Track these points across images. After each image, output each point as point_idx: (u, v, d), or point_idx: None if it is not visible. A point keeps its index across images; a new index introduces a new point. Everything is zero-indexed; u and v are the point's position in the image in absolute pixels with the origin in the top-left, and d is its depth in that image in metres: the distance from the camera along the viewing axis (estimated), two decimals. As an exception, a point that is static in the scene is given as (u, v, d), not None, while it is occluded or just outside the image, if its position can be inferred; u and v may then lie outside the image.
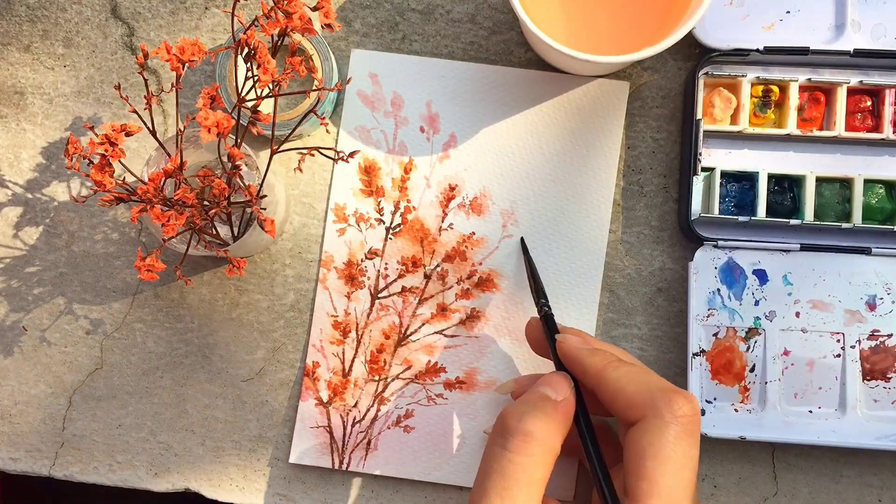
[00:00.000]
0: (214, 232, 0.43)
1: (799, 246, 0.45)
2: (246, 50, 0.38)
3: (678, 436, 0.34)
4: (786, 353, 0.46)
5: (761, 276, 0.46)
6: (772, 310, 0.46)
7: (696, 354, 0.45)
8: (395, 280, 0.48)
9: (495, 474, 0.35)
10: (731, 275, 0.46)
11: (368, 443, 0.47)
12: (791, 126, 0.46)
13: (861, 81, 0.46)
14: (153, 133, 0.40)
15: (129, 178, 0.46)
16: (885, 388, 0.45)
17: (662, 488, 0.33)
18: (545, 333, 0.41)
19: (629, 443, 0.35)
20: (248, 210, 0.44)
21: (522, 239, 0.47)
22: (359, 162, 0.48)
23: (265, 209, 0.42)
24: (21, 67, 0.49)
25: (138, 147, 0.48)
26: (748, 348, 0.46)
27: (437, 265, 0.47)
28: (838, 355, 0.46)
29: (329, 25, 0.39)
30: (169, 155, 0.42)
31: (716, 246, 0.46)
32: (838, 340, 0.46)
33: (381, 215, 0.48)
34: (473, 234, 0.47)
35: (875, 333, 0.46)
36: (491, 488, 0.35)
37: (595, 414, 0.39)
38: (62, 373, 0.49)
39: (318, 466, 0.47)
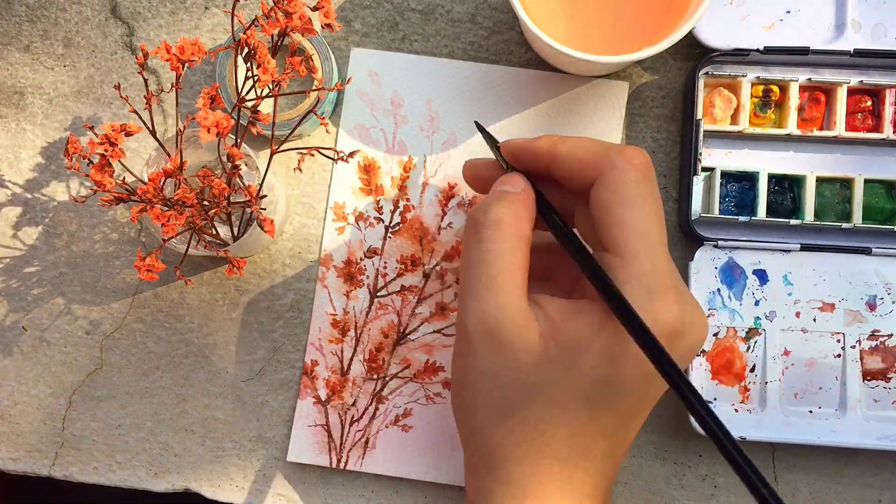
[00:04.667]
0: (214, 232, 0.43)
1: (799, 246, 0.45)
2: (246, 50, 0.38)
3: (638, 180, 0.35)
4: (786, 353, 0.46)
5: (761, 276, 0.46)
6: (772, 310, 0.46)
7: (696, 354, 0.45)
8: (394, 279, 0.48)
9: (478, 267, 0.35)
10: (732, 275, 0.46)
11: (366, 441, 0.47)
12: (791, 126, 0.46)
13: (861, 81, 0.46)
14: (153, 133, 0.40)
15: (129, 178, 0.46)
16: (885, 388, 0.45)
17: (636, 227, 0.34)
18: (491, 147, 0.41)
19: (594, 201, 0.35)
20: (248, 210, 0.44)
21: (476, 122, 0.44)
22: (358, 160, 0.48)
23: (265, 209, 0.42)
24: (21, 67, 0.49)
25: (138, 147, 0.48)
26: (748, 348, 0.46)
27: (437, 264, 0.47)
28: (838, 355, 0.46)
29: (329, 25, 0.39)
30: (169, 155, 0.42)
31: (716, 246, 0.46)
32: (838, 340, 0.46)
33: (381, 214, 0.48)
34: (473, 233, 0.47)
35: (875, 333, 0.46)
36: (477, 281, 0.35)
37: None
38: (62, 373, 0.49)
39: (317, 466, 0.47)
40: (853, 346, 0.45)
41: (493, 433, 0.36)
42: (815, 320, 0.46)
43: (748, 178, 0.46)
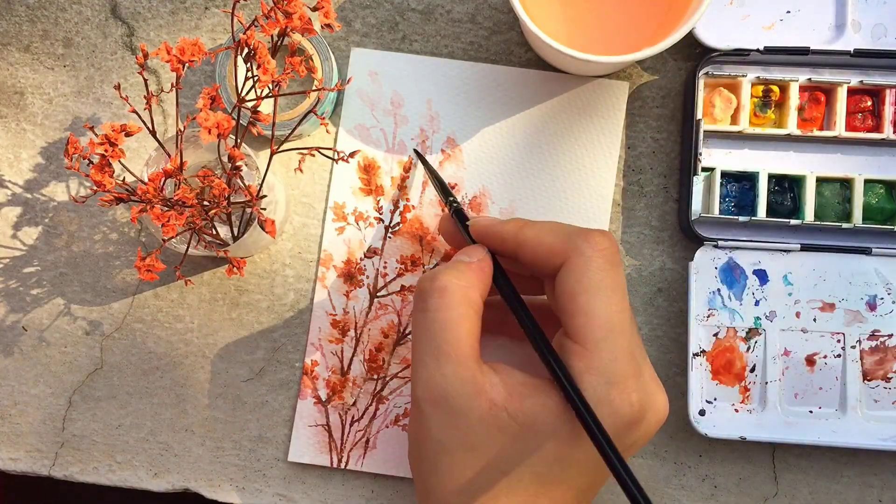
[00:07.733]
0: (214, 232, 0.43)
1: (799, 246, 0.45)
2: (246, 50, 0.38)
3: (602, 266, 0.34)
4: (786, 353, 0.46)
5: (761, 276, 0.46)
6: (772, 310, 0.46)
7: (696, 355, 0.45)
8: (394, 279, 0.48)
9: (424, 336, 0.35)
10: (732, 275, 0.46)
11: (367, 441, 0.47)
12: (791, 126, 0.46)
13: (861, 81, 0.46)
14: (153, 133, 0.40)
15: (129, 178, 0.46)
16: (885, 388, 0.45)
17: (598, 316, 0.34)
18: (457, 223, 0.41)
19: (559, 287, 0.35)
20: (248, 210, 0.44)
21: (416, 149, 0.47)
22: (358, 160, 0.48)
23: (265, 209, 0.42)
24: (21, 67, 0.49)
25: (138, 147, 0.48)
26: (748, 348, 0.46)
27: (437, 264, 0.47)
28: (839, 355, 0.46)
29: (329, 25, 0.39)
30: (169, 155, 0.42)
31: (716, 246, 0.46)
32: (839, 340, 0.46)
33: (381, 214, 0.48)
34: (473, 233, 0.47)
35: (875, 333, 0.46)
36: (424, 352, 0.35)
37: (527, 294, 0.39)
38: (62, 373, 0.49)
39: (318, 465, 0.47)
40: (853, 346, 0.45)
41: (446, 497, 0.35)
42: (815, 320, 0.46)
43: (748, 178, 0.46)
